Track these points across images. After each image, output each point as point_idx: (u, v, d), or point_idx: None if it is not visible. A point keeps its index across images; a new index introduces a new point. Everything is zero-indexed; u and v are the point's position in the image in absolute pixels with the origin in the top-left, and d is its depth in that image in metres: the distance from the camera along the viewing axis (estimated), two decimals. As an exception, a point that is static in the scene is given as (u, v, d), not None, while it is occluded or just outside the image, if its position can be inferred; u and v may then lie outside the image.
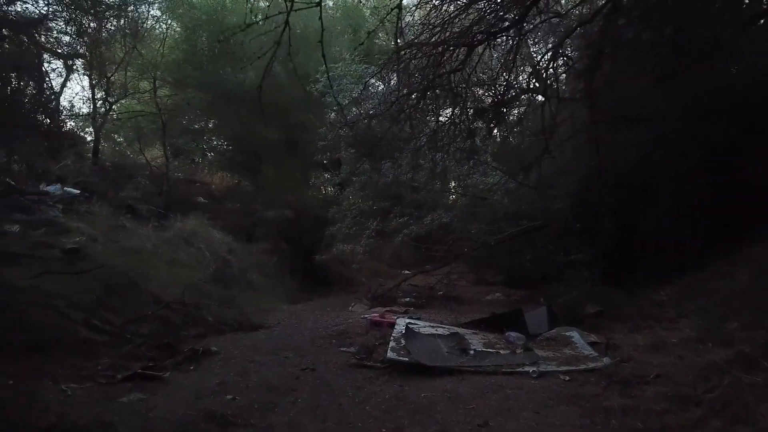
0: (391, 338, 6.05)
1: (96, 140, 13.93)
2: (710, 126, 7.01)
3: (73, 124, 14.45)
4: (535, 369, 5.09)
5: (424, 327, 6.75)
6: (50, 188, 10.15)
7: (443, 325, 7.08)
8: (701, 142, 7.22)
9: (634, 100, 7.85)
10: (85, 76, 13.62)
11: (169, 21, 13.86)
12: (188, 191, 15.18)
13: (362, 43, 9.31)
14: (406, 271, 15.57)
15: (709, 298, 6.91)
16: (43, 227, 7.88)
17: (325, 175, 11.49)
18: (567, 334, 6.36)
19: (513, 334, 6.42)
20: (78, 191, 10.41)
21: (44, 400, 4.04)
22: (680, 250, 7.86)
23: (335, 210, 10.89)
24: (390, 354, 5.48)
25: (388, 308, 9.43)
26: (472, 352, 5.73)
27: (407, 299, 10.51)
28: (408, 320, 7.05)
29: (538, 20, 7.93)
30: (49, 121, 11.78)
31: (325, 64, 3.96)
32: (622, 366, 5.11)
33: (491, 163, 10.85)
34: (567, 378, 4.95)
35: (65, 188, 10.35)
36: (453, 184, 10.97)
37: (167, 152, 13.46)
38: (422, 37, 7.44)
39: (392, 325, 7.04)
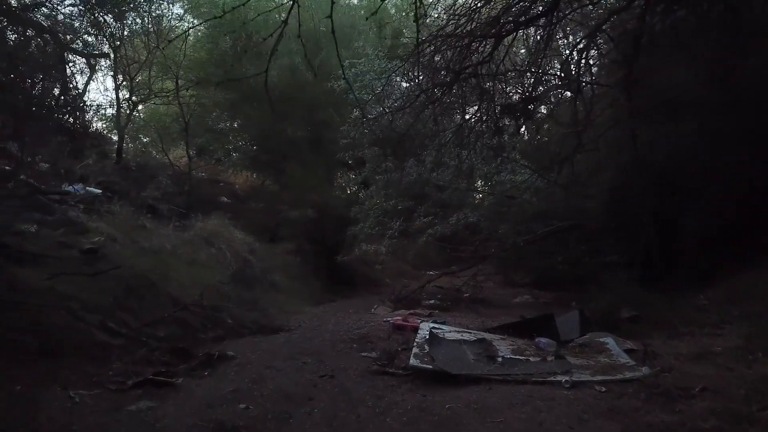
0: (415, 344, 5.77)
1: (120, 140, 14.00)
2: (759, 116, 6.51)
3: (99, 124, 14.57)
4: (567, 378, 4.73)
5: (449, 332, 6.44)
6: (72, 188, 10.16)
7: (469, 330, 6.75)
8: (749, 134, 6.71)
9: (675, 90, 7.37)
10: (109, 76, 13.71)
11: (192, 19, 13.77)
12: (212, 191, 15.18)
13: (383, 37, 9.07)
14: (431, 273, 15.30)
15: (756, 303, 6.44)
16: (63, 227, 7.82)
17: (349, 175, 11.27)
18: (601, 340, 5.98)
19: (543, 339, 6.07)
20: (100, 191, 10.41)
21: (50, 408, 3.87)
22: (724, 251, 7.36)
23: (358, 209, 10.64)
24: (413, 361, 5.20)
25: (411, 311, 9.15)
26: (500, 359, 5.41)
27: (432, 301, 10.20)
28: (432, 324, 6.75)
29: (570, 9, 7.51)
30: (72, 120, 11.92)
31: (338, 51, 3.66)
32: (663, 376, 4.68)
33: (520, 161, 10.45)
34: (603, 389, 4.57)
35: (87, 188, 10.36)
36: (479, 183, 10.62)
37: (190, 152, 13.43)
38: (447, 29, 7.11)
39: (416, 329, 6.76)
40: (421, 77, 7.63)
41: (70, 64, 12.35)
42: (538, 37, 7.75)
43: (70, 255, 7.13)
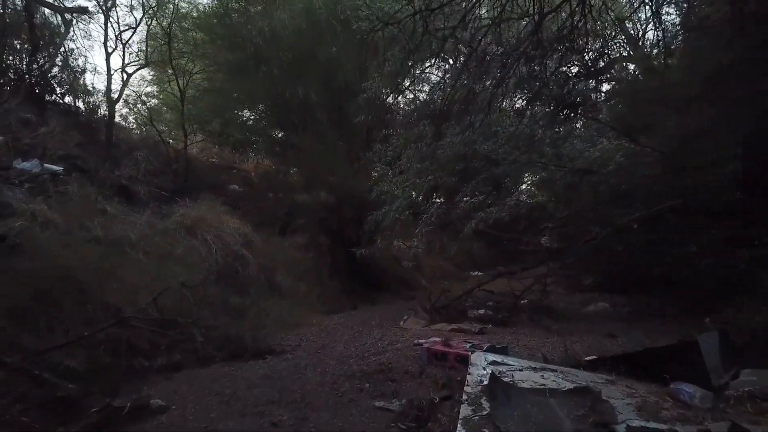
0: (465, 395, 3.42)
1: (110, 114, 12.06)
2: None
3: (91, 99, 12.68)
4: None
5: (519, 369, 4.01)
6: (25, 164, 8.23)
7: (550, 366, 4.30)
8: None
9: None
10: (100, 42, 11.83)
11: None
12: (219, 177, 13.19)
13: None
14: (478, 273, 12.75)
15: None
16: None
17: (376, 147, 8.84)
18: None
19: (687, 387, 3.60)
20: (60, 168, 8.43)
21: None
22: None
23: (383, 187, 8.16)
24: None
25: (454, 326, 6.80)
26: (623, 430, 3.00)
27: (481, 311, 7.78)
28: (490, 356, 4.32)
29: None
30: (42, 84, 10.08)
31: None
32: None
33: (600, 123, 7.86)
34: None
35: (45, 165, 8.39)
36: (546, 153, 8.10)
37: (185, 126, 11.38)
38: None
39: (462, 358, 4.42)
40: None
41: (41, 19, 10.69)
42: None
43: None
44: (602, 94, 9.11)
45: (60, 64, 10.78)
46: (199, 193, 9.86)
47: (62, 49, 11.02)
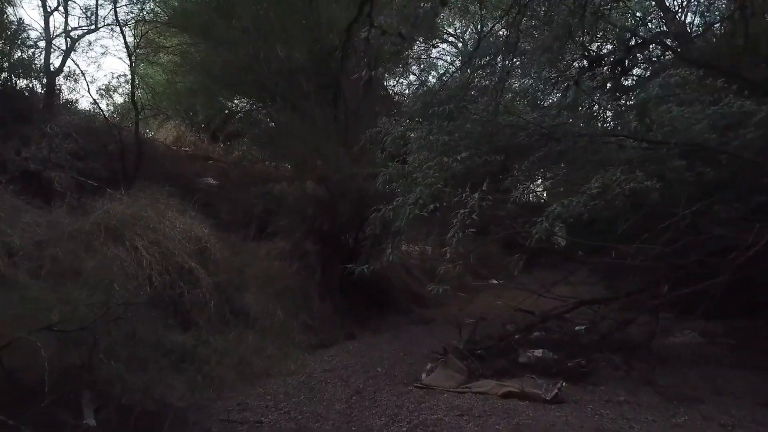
0: None
1: (48, 87, 9.66)
2: None
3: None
4: None
5: None
6: None
7: None
8: None
9: None
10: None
11: None
12: (188, 166, 10.81)
13: None
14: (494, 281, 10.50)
15: None
16: None
17: (382, 120, 6.38)
18: None
19: None
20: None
21: None
22: None
23: (393, 171, 5.57)
24: None
25: (508, 385, 4.41)
26: None
27: (537, 353, 5.37)
28: None
29: None
30: None
31: None
32: None
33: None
34: None
35: None
36: (629, 121, 5.65)
37: (135, 98, 8.94)
38: None
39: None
40: None
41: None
42: None
43: None
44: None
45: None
46: (154, 185, 7.42)
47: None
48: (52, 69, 9.68)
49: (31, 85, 9.57)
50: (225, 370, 5.04)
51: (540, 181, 4.80)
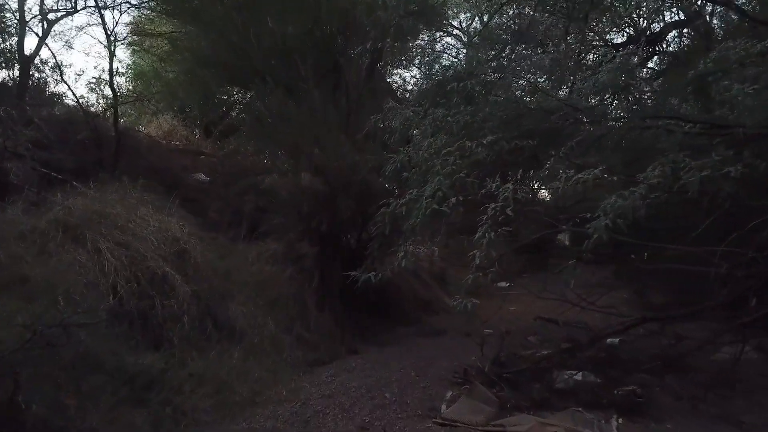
0: None
1: (23, 73, 8.83)
2: None
3: None
4: None
5: None
6: None
7: None
8: None
9: None
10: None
11: None
12: (177, 161, 10.02)
13: None
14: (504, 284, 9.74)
15: None
16: None
17: (390, 103, 5.57)
18: None
19: None
20: None
21: None
22: None
23: (403, 156, 4.70)
24: None
25: (549, 424, 3.55)
26: None
27: (577, 377, 4.51)
28: None
29: None
30: None
31: None
32: None
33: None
34: None
35: None
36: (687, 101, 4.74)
37: (114, 84, 8.10)
38: None
39: None
40: None
41: None
42: None
43: None
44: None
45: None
46: (133, 179, 6.53)
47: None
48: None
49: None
50: (201, 399, 4.18)
51: (573, 171, 3.92)
